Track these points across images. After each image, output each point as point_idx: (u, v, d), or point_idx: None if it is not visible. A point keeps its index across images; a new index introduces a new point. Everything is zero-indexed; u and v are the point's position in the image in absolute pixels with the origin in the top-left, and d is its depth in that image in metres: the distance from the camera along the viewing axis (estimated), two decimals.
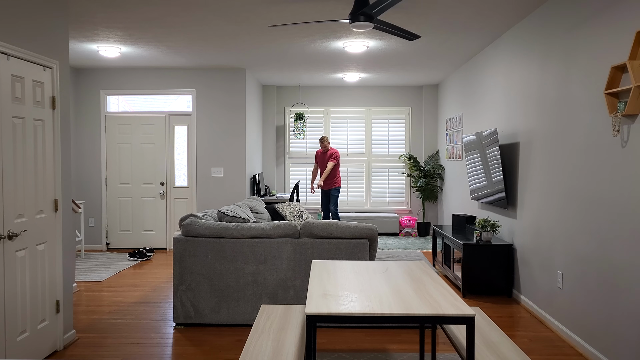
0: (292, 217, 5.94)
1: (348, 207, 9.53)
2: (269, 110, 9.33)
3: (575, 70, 3.90)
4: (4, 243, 3.16)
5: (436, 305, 2.34)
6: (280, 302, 4.23)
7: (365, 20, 3.88)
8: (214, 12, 4.73)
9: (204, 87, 7.68)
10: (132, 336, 4.06)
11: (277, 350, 2.64)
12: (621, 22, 3.27)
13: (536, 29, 4.66)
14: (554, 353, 3.73)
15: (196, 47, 6.19)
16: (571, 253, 3.93)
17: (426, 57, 6.76)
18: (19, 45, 3.34)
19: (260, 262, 4.21)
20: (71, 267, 4.03)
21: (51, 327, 3.70)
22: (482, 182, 5.85)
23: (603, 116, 3.48)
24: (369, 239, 4.22)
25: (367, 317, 2.25)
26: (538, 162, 4.58)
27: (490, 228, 5.26)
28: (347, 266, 3.18)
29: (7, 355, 3.18)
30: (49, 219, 3.68)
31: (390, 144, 9.53)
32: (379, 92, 9.43)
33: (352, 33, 5.48)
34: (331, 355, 3.62)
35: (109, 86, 7.74)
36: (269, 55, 6.64)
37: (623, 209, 3.23)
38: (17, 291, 3.30)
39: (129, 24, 5.19)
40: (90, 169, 7.77)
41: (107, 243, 7.82)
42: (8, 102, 3.22)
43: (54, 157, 3.76)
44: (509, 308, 4.82)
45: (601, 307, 3.49)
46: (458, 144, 7.61)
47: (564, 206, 4.06)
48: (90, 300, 5.08)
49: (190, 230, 4.24)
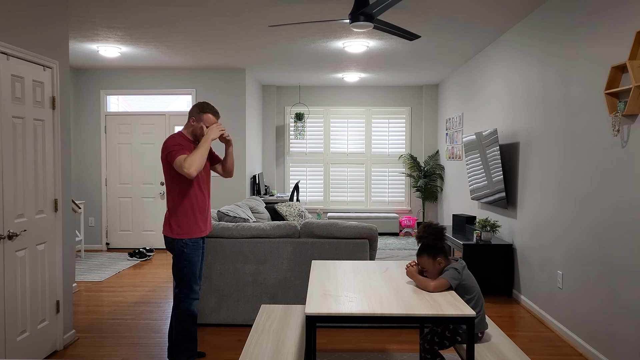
0: (292, 217, 5.94)
1: (348, 207, 9.53)
2: (269, 110, 9.32)
3: (575, 70, 3.90)
4: (4, 243, 3.16)
5: (436, 305, 2.34)
6: (280, 302, 4.23)
7: (365, 20, 3.88)
8: (214, 12, 4.73)
9: (204, 87, 7.68)
10: (132, 336, 4.06)
11: (277, 350, 2.64)
12: (621, 22, 3.27)
13: (536, 29, 4.66)
14: (554, 353, 3.73)
15: (196, 47, 6.18)
16: (571, 253, 3.93)
17: (426, 57, 6.76)
18: (19, 45, 3.34)
19: (260, 262, 4.21)
20: (71, 267, 4.03)
21: (51, 327, 3.70)
22: (482, 182, 5.85)
23: (603, 116, 3.48)
24: (369, 239, 4.22)
25: (367, 317, 2.25)
26: (538, 162, 4.58)
27: (490, 228, 5.25)
28: (347, 266, 3.18)
29: (7, 355, 3.18)
30: (49, 219, 3.68)
31: (390, 144, 9.52)
32: (379, 92, 9.43)
33: (352, 33, 5.48)
34: (331, 355, 3.62)
35: (109, 86, 7.74)
36: (269, 55, 6.64)
37: (623, 208, 3.23)
38: (17, 291, 3.30)
39: (129, 24, 5.19)
40: (90, 169, 7.77)
41: (107, 243, 7.82)
42: (8, 102, 3.22)
43: (54, 157, 3.75)
44: (509, 308, 4.82)
45: (601, 307, 3.49)
46: (458, 144, 7.61)
47: (564, 206, 4.06)
48: (90, 300, 5.08)
49: None
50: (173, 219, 3.28)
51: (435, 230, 2.71)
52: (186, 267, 3.29)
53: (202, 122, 3.29)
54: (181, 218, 3.26)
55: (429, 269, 2.72)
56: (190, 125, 3.33)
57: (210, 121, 3.30)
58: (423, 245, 2.74)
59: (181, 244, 3.27)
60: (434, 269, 2.71)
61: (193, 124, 3.32)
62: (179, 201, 3.26)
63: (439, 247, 2.70)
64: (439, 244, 2.70)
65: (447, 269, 2.67)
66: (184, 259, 3.28)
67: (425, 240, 2.71)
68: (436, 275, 2.70)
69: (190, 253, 3.29)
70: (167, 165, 3.24)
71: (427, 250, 2.72)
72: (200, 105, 3.32)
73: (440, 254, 2.70)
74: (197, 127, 3.30)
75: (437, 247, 2.70)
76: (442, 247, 2.71)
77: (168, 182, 3.29)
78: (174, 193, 3.27)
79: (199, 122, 3.30)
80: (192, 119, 3.32)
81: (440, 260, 2.70)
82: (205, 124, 3.28)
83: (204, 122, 3.29)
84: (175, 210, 3.27)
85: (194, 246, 3.31)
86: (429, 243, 2.71)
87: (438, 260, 2.70)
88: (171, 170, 3.23)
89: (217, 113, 3.36)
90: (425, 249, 2.72)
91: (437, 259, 2.70)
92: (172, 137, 3.26)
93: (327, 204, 9.55)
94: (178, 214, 3.27)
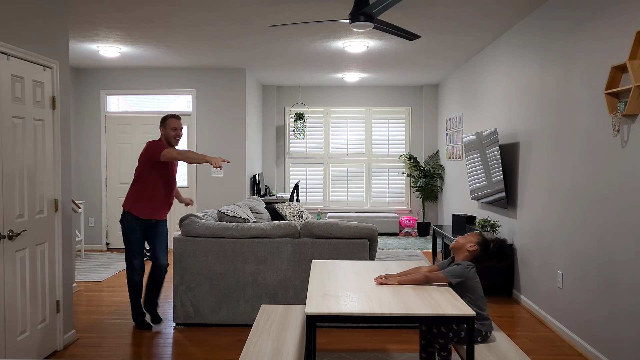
0: (292, 217, 5.94)
1: (348, 207, 9.54)
2: (269, 110, 9.33)
3: (575, 70, 3.90)
4: (4, 243, 3.16)
5: (436, 305, 2.34)
6: (280, 302, 4.23)
7: (365, 20, 3.88)
8: (214, 12, 4.73)
9: (204, 87, 7.68)
10: (132, 336, 4.06)
11: (277, 350, 2.64)
12: (621, 22, 3.27)
13: (536, 29, 4.66)
14: (554, 353, 3.73)
15: (196, 47, 6.19)
16: (571, 253, 3.93)
17: (426, 57, 6.76)
18: (19, 45, 3.34)
19: (260, 262, 4.21)
20: (71, 267, 4.03)
21: (51, 327, 3.70)
22: (482, 182, 5.85)
23: (603, 116, 3.48)
24: (369, 239, 4.22)
25: (367, 317, 2.25)
26: (538, 162, 4.58)
27: (490, 228, 5.25)
28: (347, 266, 3.18)
29: (7, 355, 3.18)
30: (49, 219, 3.68)
31: (390, 144, 9.53)
32: (379, 92, 9.43)
33: (352, 33, 5.48)
34: (331, 355, 3.62)
35: (109, 86, 7.74)
36: (269, 55, 6.64)
37: (623, 208, 3.23)
38: (17, 291, 3.30)
39: (129, 24, 5.19)
40: (90, 169, 7.77)
41: (107, 243, 7.82)
42: (8, 102, 3.22)
43: (54, 157, 3.75)
44: (509, 308, 4.82)
45: (601, 307, 3.49)
46: (458, 144, 7.61)
47: (564, 206, 4.06)
48: (90, 300, 5.08)
49: (190, 230, 4.24)
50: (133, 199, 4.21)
51: (503, 251, 2.80)
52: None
53: (167, 127, 4.21)
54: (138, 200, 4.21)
55: (465, 240, 2.79)
56: (162, 134, 4.25)
57: (173, 124, 4.20)
58: (489, 241, 2.80)
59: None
60: (466, 243, 2.78)
61: (163, 132, 4.23)
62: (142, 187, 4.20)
63: (487, 254, 2.79)
64: (489, 254, 2.80)
65: (461, 263, 2.70)
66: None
67: (494, 244, 2.79)
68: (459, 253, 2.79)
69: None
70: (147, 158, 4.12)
71: (484, 243, 2.78)
72: (163, 118, 4.24)
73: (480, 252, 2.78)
74: (165, 132, 4.22)
75: (486, 253, 2.79)
76: (485, 257, 2.79)
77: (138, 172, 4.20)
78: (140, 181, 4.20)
79: (165, 128, 4.22)
80: (161, 128, 4.24)
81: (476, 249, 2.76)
82: (169, 125, 4.20)
83: (169, 125, 4.20)
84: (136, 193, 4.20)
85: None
86: (491, 247, 2.78)
87: (475, 248, 2.77)
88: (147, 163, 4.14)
89: (175, 115, 4.24)
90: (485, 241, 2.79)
91: (476, 247, 2.77)
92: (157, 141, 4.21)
93: (327, 204, 9.56)
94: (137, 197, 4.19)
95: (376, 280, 2.72)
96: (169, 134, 4.19)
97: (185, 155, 4.01)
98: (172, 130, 4.19)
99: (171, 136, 4.20)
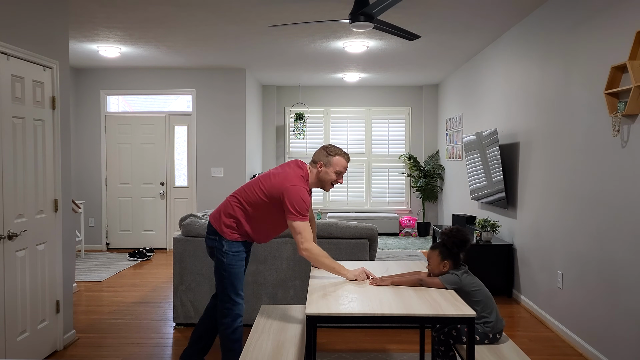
0: None
1: (348, 207, 9.53)
2: (269, 110, 9.33)
3: (575, 70, 3.90)
4: (4, 243, 3.16)
5: (436, 305, 2.34)
6: (280, 302, 4.23)
7: (365, 20, 3.88)
8: (214, 12, 4.73)
9: (204, 87, 7.68)
10: (132, 336, 4.06)
11: (277, 350, 2.64)
12: (621, 22, 3.27)
13: (536, 29, 4.66)
14: (554, 353, 3.73)
15: (196, 47, 6.18)
16: (571, 253, 3.93)
17: (426, 57, 6.76)
18: (19, 45, 3.34)
19: (260, 262, 4.21)
20: (71, 267, 4.03)
21: (51, 327, 3.70)
22: (482, 182, 5.85)
23: (603, 116, 3.48)
24: (369, 239, 4.22)
25: (368, 317, 2.25)
26: (538, 162, 4.58)
27: (490, 228, 5.25)
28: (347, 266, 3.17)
29: (7, 355, 3.18)
30: (49, 219, 3.68)
31: (390, 144, 9.52)
32: (379, 92, 9.43)
33: (352, 33, 5.48)
34: (331, 355, 3.62)
35: (109, 86, 7.74)
36: (269, 55, 6.64)
37: (623, 209, 3.23)
38: (17, 291, 3.30)
39: (129, 24, 5.19)
40: (90, 169, 7.77)
41: (107, 243, 7.82)
42: (8, 102, 3.22)
43: (54, 157, 3.75)
44: (509, 308, 4.82)
45: (601, 307, 3.49)
46: (458, 144, 7.61)
47: (564, 206, 4.06)
48: (90, 300, 5.08)
49: (191, 230, 4.24)
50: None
51: (459, 238, 2.71)
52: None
53: (331, 166, 2.95)
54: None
55: (432, 265, 2.73)
56: (317, 170, 2.97)
57: (341, 165, 2.95)
58: (441, 243, 2.74)
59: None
60: (436, 268, 2.71)
61: (321, 169, 2.96)
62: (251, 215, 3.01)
63: (453, 253, 2.70)
64: (454, 251, 2.70)
65: (450, 272, 2.68)
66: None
67: (446, 242, 2.71)
68: (435, 274, 2.71)
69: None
70: (275, 202, 2.92)
71: (441, 250, 2.72)
72: (327, 148, 2.96)
73: (450, 259, 2.70)
74: (325, 173, 2.96)
75: (451, 253, 2.70)
76: (456, 255, 2.71)
77: (260, 204, 2.96)
78: (252, 210, 2.99)
79: (328, 167, 2.95)
80: (319, 163, 2.95)
81: (446, 263, 2.70)
82: (334, 168, 2.94)
83: (334, 166, 2.94)
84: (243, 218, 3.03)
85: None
86: (447, 245, 2.71)
87: (444, 263, 2.70)
88: (275, 205, 2.94)
89: (347, 155, 3.00)
90: (441, 247, 2.73)
91: (444, 262, 2.70)
92: (298, 186, 2.86)
93: (327, 204, 9.56)
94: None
95: (371, 283, 2.73)
96: (330, 177, 2.96)
97: (319, 261, 2.82)
98: (335, 175, 2.96)
99: (331, 180, 2.98)
